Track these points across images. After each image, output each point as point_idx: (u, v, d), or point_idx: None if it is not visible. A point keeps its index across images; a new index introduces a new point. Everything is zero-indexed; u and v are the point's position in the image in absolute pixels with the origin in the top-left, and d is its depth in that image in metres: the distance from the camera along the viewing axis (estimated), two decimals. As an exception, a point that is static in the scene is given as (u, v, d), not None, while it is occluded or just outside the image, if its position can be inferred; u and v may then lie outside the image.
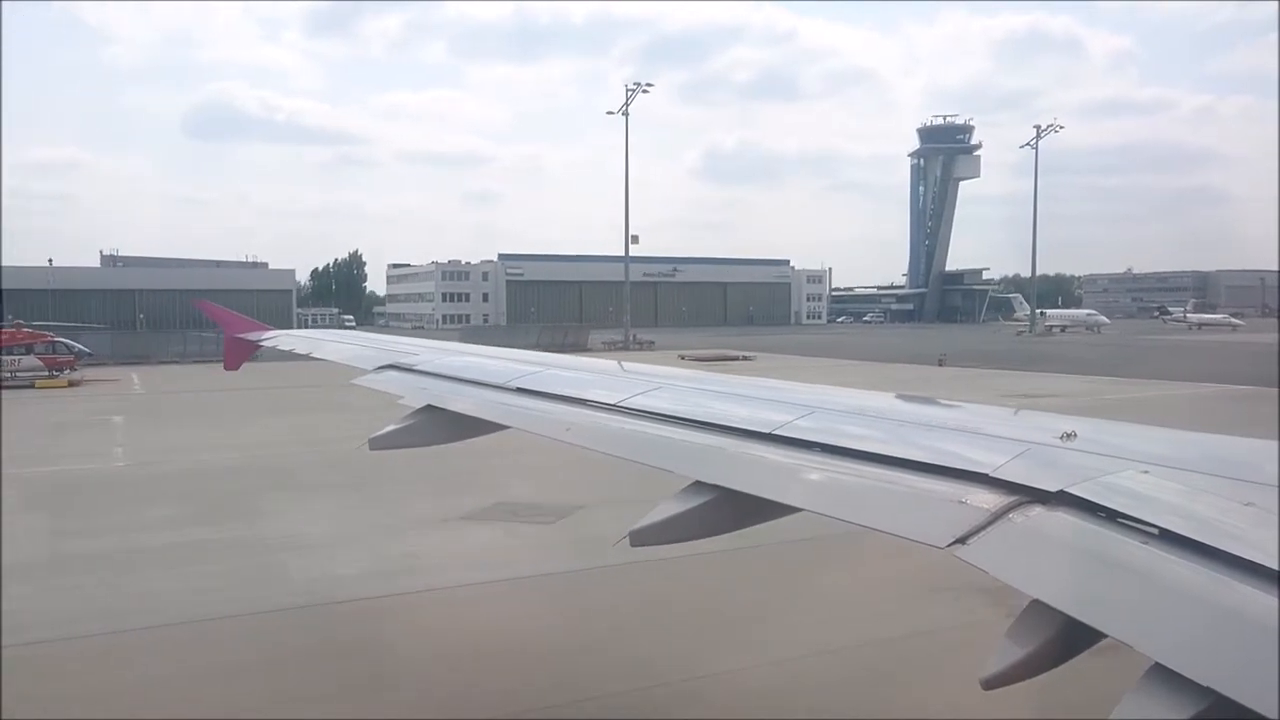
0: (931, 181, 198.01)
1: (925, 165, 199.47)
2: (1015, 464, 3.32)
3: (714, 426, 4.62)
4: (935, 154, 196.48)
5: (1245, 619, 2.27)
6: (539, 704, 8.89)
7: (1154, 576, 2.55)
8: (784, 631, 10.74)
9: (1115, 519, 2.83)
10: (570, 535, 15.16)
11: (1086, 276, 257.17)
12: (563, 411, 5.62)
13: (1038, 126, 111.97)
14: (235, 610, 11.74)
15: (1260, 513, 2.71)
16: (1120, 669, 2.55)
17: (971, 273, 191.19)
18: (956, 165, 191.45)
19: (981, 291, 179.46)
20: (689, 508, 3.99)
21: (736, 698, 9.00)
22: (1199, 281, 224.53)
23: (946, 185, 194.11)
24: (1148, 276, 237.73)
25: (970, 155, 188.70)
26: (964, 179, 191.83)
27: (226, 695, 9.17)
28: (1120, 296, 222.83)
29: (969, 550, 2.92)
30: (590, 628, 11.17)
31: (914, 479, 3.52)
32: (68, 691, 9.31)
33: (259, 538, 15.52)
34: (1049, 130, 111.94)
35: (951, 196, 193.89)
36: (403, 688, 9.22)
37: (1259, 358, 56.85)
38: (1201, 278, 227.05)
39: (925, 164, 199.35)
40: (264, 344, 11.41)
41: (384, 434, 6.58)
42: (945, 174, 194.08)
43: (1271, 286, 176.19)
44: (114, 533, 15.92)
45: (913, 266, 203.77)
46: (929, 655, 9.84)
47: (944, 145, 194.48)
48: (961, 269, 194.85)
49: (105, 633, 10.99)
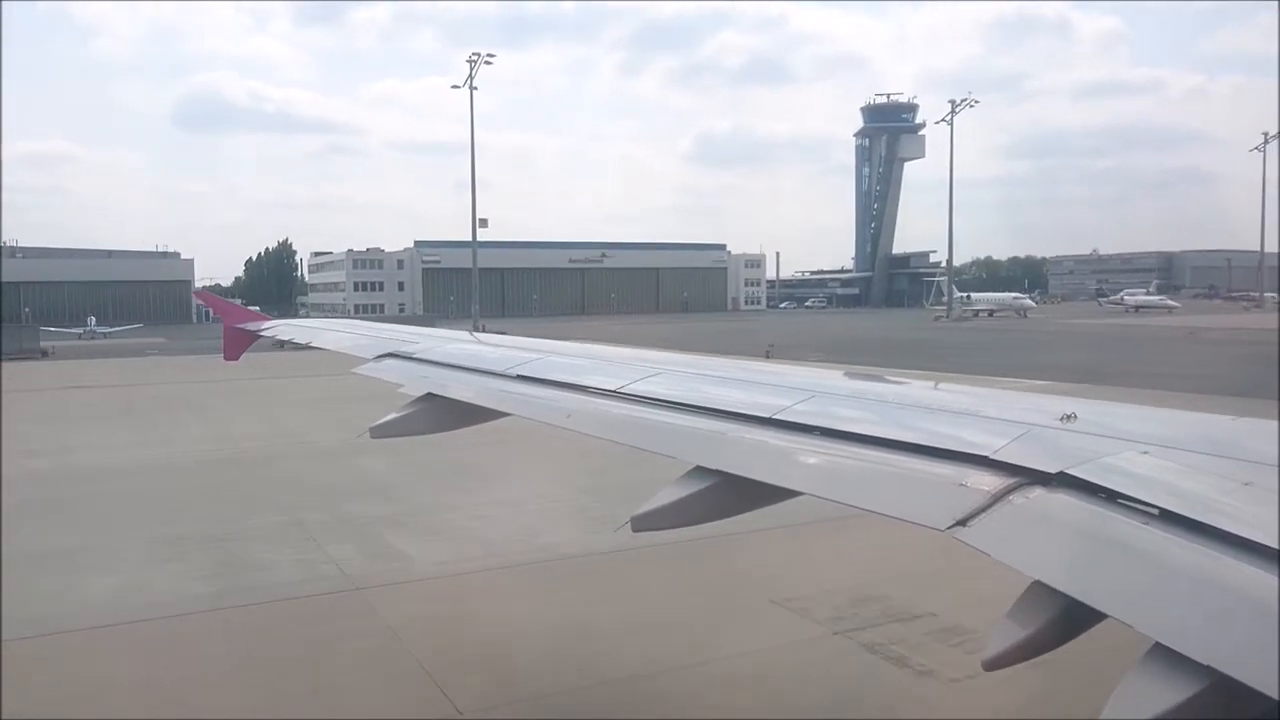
0: (876, 162, 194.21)
1: (870, 145, 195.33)
2: (1015, 446, 3.33)
3: (714, 411, 4.62)
4: (879, 134, 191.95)
5: (1245, 598, 2.28)
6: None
7: (1154, 557, 2.56)
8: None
9: (1115, 500, 2.84)
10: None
11: (1053, 258, 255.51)
12: (563, 398, 5.63)
13: (952, 101, 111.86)
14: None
15: (1259, 492, 2.71)
16: (1121, 649, 2.56)
17: (919, 256, 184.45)
18: (901, 145, 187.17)
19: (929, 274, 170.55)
20: (690, 493, 4.00)
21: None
22: (1163, 263, 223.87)
23: (891, 166, 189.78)
24: (1113, 258, 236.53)
25: (915, 135, 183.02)
26: (909, 159, 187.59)
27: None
28: (1086, 278, 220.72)
29: (969, 532, 2.93)
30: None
31: (914, 462, 3.53)
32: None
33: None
34: (964, 104, 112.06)
35: (897, 177, 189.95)
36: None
37: (1148, 344, 55.96)
38: (1166, 259, 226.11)
39: (870, 144, 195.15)
40: (263, 334, 11.41)
41: (385, 422, 6.60)
42: (890, 154, 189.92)
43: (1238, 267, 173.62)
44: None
45: (859, 250, 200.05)
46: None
47: (888, 125, 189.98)
48: (908, 252, 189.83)
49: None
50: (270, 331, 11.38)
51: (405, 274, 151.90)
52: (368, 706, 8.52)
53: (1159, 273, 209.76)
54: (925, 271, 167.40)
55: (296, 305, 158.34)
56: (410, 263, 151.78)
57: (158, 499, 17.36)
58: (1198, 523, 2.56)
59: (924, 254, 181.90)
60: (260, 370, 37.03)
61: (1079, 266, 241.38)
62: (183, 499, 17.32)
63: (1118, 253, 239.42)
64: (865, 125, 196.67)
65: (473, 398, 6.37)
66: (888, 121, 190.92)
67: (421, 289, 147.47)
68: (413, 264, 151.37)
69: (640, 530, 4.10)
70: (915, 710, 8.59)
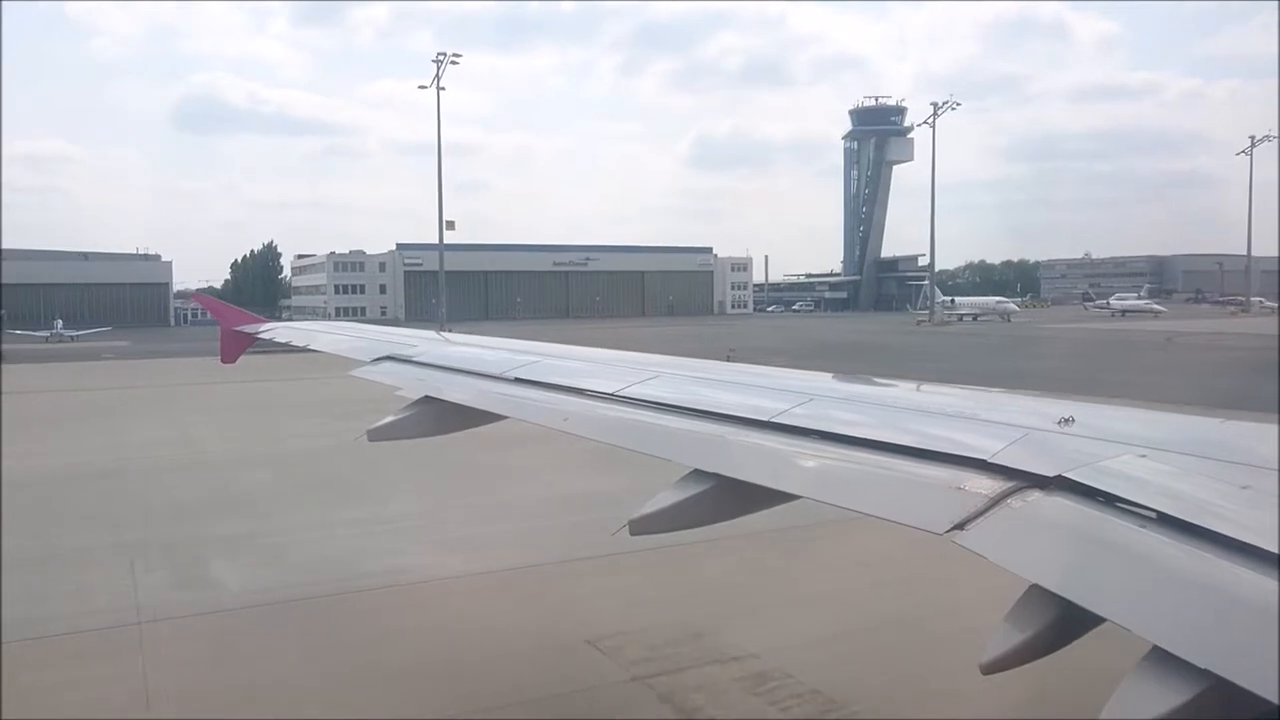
0: (864, 165, 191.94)
1: (858, 148, 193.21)
2: (1013, 449, 3.33)
3: (712, 415, 4.63)
4: (867, 136, 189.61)
5: (1243, 602, 2.28)
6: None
7: (1152, 560, 2.56)
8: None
9: (1113, 503, 2.84)
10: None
11: (1045, 262, 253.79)
12: (561, 401, 5.63)
13: (934, 103, 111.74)
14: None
15: (1257, 496, 2.72)
16: (1119, 652, 2.56)
17: (907, 259, 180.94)
18: (889, 148, 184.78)
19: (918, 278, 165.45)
20: (688, 496, 4.00)
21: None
22: (1155, 267, 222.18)
23: (879, 169, 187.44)
24: (1105, 261, 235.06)
25: (903, 138, 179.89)
26: (897, 162, 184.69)
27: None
28: (1078, 282, 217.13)
29: (967, 536, 2.93)
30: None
31: (912, 465, 3.53)
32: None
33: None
34: (946, 107, 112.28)
35: (885, 180, 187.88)
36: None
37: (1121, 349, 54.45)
38: (1158, 263, 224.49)
39: (858, 147, 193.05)
40: (261, 336, 11.41)
41: (382, 425, 6.59)
42: (878, 157, 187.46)
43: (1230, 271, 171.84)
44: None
45: (847, 253, 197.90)
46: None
47: (876, 127, 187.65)
48: (897, 255, 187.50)
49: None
50: (268, 334, 11.37)
51: (387, 276, 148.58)
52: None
53: (1150, 277, 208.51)
54: (914, 275, 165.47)
55: (279, 308, 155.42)
56: (392, 265, 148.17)
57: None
58: (1195, 526, 2.56)
59: (912, 258, 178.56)
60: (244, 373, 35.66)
61: (1071, 270, 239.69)
62: (21, 516, 15.07)
63: (1110, 256, 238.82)
64: (853, 128, 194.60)
65: (470, 400, 6.37)
66: (876, 124, 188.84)
67: (404, 292, 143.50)
68: (395, 267, 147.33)
69: (638, 534, 4.09)
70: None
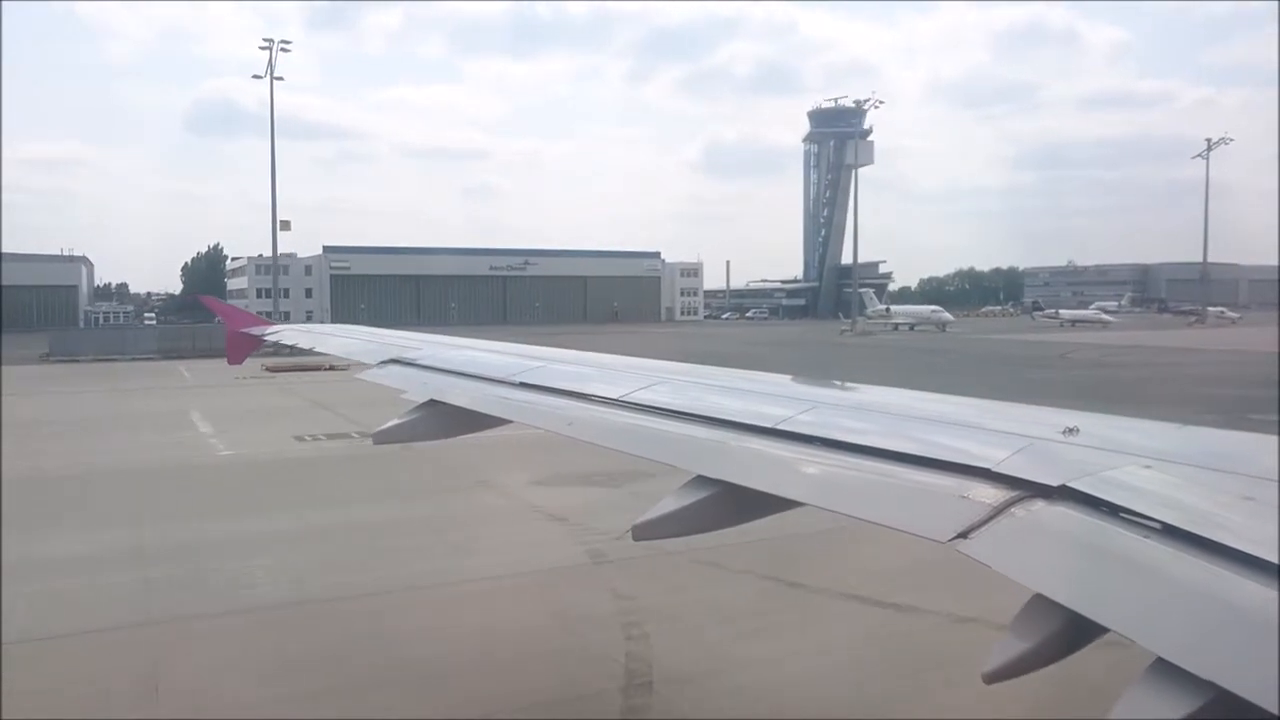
0: (824, 169, 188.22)
1: (818, 152, 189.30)
2: (1017, 459, 3.32)
3: (716, 421, 4.62)
4: (826, 139, 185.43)
5: (1247, 614, 2.27)
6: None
7: (1156, 571, 2.55)
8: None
9: (1117, 514, 2.83)
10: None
11: (1028, 270, 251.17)
12: (565, 406, 5.63)
13: (857, 101, 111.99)
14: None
15: (1261, 507, 2.70)
16: (1122, 664, 2.55)
17: (868, 266, 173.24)
18: (848, 151, 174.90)
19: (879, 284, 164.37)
20: (691, 502, 3.99)
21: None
22: (1140, 275, 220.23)
23: (839, 172, 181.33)
24: (1089, 270, 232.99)
25: (863, 141, 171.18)
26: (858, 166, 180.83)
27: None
28: (1061, 290, 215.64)
29: (971, 545, 2.92)
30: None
31: (916, 473, 3.52)
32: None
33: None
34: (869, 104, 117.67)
35: (845, 184, 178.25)
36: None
37: (996, 364, 51.02)
38: (1142, 270, 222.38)
39: (818, 150, 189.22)
40: (267, 339, 11.43)
41: (387, 428, 6.60)
42: (837, 160, 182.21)
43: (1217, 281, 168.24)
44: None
45: (806, 259, 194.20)
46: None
47: (834, 130, 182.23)
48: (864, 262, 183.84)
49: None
50: (274, 337, 11.39)
51: (313, 280, 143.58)
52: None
53: (1134, 285, 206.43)
54: (874, 281, 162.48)
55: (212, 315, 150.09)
56: (318, 269, 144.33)
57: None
58: (1200, 537, 2.55)
59: (873, 264, 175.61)
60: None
61: (1055, 278, 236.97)
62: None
63: (1094, 264, 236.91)
64: (812, 130, 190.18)
65: (474, 404, 6.38)
66: (834, 126, 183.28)
67: (329, 296, 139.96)
68: (320, 270, 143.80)
69: (641, 539, 4.08)
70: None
